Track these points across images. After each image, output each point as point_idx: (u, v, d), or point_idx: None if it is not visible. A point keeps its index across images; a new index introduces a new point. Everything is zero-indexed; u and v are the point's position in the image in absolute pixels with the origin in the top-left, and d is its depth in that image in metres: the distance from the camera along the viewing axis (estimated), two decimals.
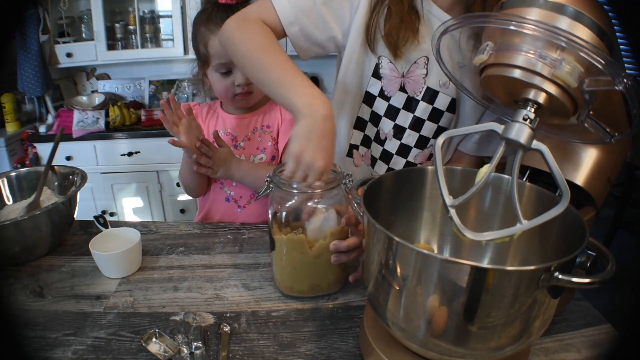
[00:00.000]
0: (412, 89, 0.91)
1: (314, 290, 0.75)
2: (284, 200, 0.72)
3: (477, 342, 0.48)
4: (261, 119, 1.08)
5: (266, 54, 0.78)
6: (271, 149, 1.08)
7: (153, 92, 2.61)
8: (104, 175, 2.37)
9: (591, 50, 0.45)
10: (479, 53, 0.54)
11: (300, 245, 0.71)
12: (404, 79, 0.91)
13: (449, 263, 0.47)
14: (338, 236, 0.72)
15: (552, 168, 0.47)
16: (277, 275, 0.77)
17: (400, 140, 0.95)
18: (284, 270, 0.75)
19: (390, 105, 0.93)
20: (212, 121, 1.10)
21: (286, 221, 0.73)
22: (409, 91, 0.91)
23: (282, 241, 0.72)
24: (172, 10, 2.39)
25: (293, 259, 0.73)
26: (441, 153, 0.53)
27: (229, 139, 1.07)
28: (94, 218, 0.93)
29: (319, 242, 0.72)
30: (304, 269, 0.73)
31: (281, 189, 0.70)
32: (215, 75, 1.00)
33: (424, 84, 0.90)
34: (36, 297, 0.76)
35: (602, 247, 0.49)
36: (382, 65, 0.90)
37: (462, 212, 0.53)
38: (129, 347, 0.64)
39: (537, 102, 0.50)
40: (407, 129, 0.93)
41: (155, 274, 0.83)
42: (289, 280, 0.75)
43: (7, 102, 2.27)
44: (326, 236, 0.72)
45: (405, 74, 0.90)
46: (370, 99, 0.94)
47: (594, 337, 0.67)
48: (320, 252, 0.72)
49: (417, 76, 0.90)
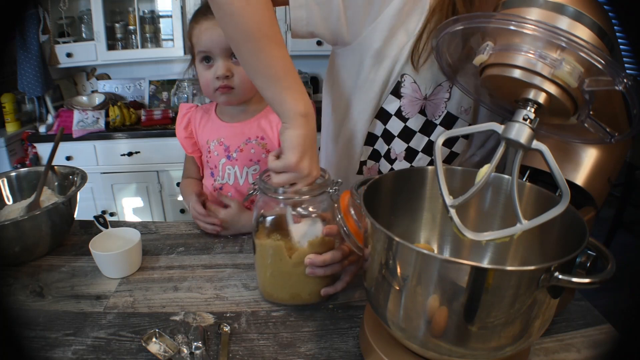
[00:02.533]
0: (432, 112, 0.84)
1: (294, 299, 0.73)
2: (268, 206, 0.71)
3: (477, 342, 0.48)
4: (255, 128, 1.03)
5: (268, 39, 0.67)
6: (265, 160, 1.00)
7: (153, 92, 2.61)
8: (104, 175, 2.37)
9: (591, 50, 0.45)
10: (479, 53, 0.54)
11: (279, 252, 0.69)
12: (425, 102, 0.84)
13: (449, 263, 0.47)
14: (318, 247, 0.70)
15: (552, 168, 0.47)
16: (259, 281, 0.76)
17: (411, 162, 0.90)
18: (265, 276, 0.73)
19: (406, 127, 0.86)
20: (205, 128, 1.06)
21: (270, 226, 0.71)
22: (428, 114, 0.85)
23: (262, 246, 0.71)
24: (172, 10, 2.39)
25: (272, 265, 0.71)
26: (441, 153, 0.53)
27: (222, 149, 1.03)
28: (94, 218, 0.93)
29: (298, 250, 0.69)
30: (282, 277, 0.71)
31: (266, 195, 0.69)
32: (200, 68, 0.97)
33: (445, 108, 0.84)
34: (36, 297, 0.76)
35: (602, 247, 0.49)
36: (405, 84, 0.82)
37: (462, 212, 0.53)
38: (129, 347, 0.64)
39: (537, 102, 0.50)
40: (420, 152, 0.88)
41: (155, 274, 0.83)
42: (269, 287, 0.74)
43: (7, 102, 2.27)
44: (309, 243, 0.70)
45: (428, 97, 0.83)
46: (385, 116, 0.87)
47: (594, 337, 0.67)
48: (299, 261, 0.69)
49: (439, 100, 0.83)
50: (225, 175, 1.04)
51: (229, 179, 1.04)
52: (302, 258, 0.69)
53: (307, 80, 2.64)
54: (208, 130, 1.06)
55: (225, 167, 1.04)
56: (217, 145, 1.03)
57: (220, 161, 1.04)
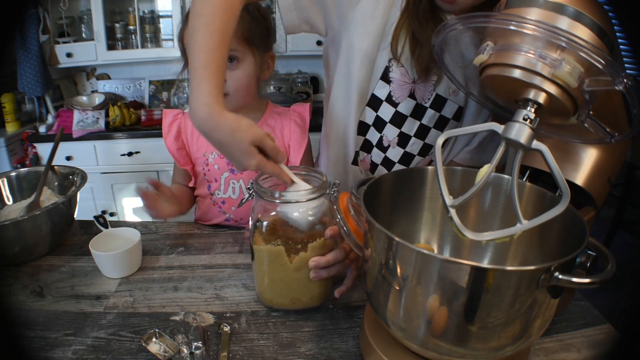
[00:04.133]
0: (421, 95, 0.87)
1: (294, 304, 0.72)
2: (265, 210, 0.70)
3: (477, 342, 0.48)
4: None
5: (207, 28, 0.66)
6: None
7: (153, 92, 2.61)
8: (104, 175, 2.37)
9: (591, 50, 0.45)
10: (479, 53, 0.54)
11: (279, 257, 0.68)
12: (414, 85, 0.86)
13: (449, 263, 0.47)
14: (320, 250, 0.69)
15: (552, 168, 0.47)
16: (257, 287, 0.74)
17: (404, 148, 0.92)
18: (264, 283, 0.72)
19: (397, 112, 0.89)
20: (201, 139, 0.97)
21: (267, 231, 0.70)
22: (417, 98, 0.87)
23: (261, 252, 0.69)
24: (172, 10, 2.38)
25: (272, 271, 0.70)
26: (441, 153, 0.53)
27: (224, 162, 0.98)
28: (94, 218, 0.93)
29: (299, 255, 0.68)
30: (283, 282, 0.70)
31: (262, 199, 0.68)
32: None
33: (434, 91, 0.87)
34: (36, 297, 0.76)
35: (602, 247, 0.49)
36: (392, 69, 0.85)
37: (462, 212, 0.53)
38: (129, 347, 0.64)
39: (537, 102, 0.50)
40: (412, 136, 0.90)
41: (155, 274, 0.83)
42: (269, 293, 0.72)
43: (7, 102, 2.27)
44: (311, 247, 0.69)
45: (417, 80, 0.86)
46: (377, 103, 0.89)
47: (594, 337, 0.67)
48: (300, 265, 0.68)
49: (428, 82, 0.86)
50: (229, 189, 1.00)
51: (232, 193, 1.00)
52: (303, 262, 0.68)
53: (307, 80, 2.63)
54: (204, 141, 0.93)
55: (229, 181, 1.00)
56: (218, 158, 0.98)
57: (223, 175, 0.99)
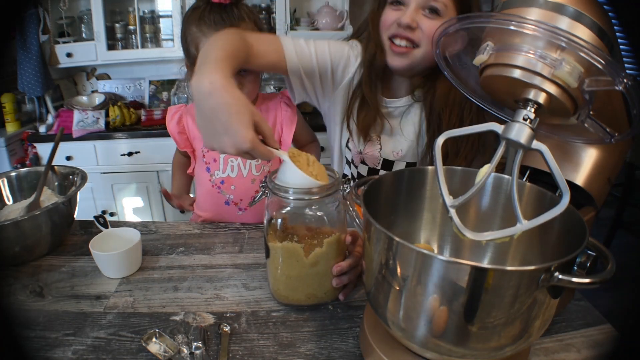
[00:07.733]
0: (371, 161, 1.05)
1: (309, 300, 0.73)
2: (279, 207, 0.69)
3: (477, 342, 0.48)
4: None
5: (222, 47, 0.72)
6: None
7: (153, 92, 2.61)
8: (104, 175, 2.37)
9: (591, 50, 0.45)
10: (479, 53, 0.54)
11: (296, 253, 0.69)
12: (361, 155, 1.05)
13: (449, 263, 0.47)
14: (335, 245, 0.70)
15: (552, 168, 0.47)
16: (272, 284, 0.75)
17: None
18: (279, 279, 0.72)
19: (359, 173, 1.09)
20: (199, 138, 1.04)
21: (282, 228, 0.70)
22: (369, 163, 1.06)
23: (276, 249, 0.70)
24: (172, 10, 2.38)
25: (288, 268, 0.70)
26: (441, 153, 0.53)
27: (225, 157, 1.03)
28: (94, 218, 0.93)
29: (315, 251, 0.69)
30: (299, 278, 0.71)
31: (276, 195, 0.67)
32: None
33: (380, 157, 1.04)
34: (36, 297, 0.76)
35: (602, 247, 0.49)
36: (349, 141, 1.06)
37: (462, 212, 0.53)
38: (129, 347, 0.64)
39: (537, 102, 0.50)
40: None
41: (155, 274, 0.83)
42: (285, 290, 0.72)
43: (7, 102, 2.27)
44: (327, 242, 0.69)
45: (362, 151, 1.04)
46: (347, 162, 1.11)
47: (594, 337, 0.67)
48: (316, 260, 0.69)
49: (373, 151, 1.04)
50: (227, 167, 1.03)
51: (231, 171, 1.04)
52: (319, 258, 0.69)
53: None
54: None
55: (227, 159, 1.03)
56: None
57: (221, 155, 1.03)
